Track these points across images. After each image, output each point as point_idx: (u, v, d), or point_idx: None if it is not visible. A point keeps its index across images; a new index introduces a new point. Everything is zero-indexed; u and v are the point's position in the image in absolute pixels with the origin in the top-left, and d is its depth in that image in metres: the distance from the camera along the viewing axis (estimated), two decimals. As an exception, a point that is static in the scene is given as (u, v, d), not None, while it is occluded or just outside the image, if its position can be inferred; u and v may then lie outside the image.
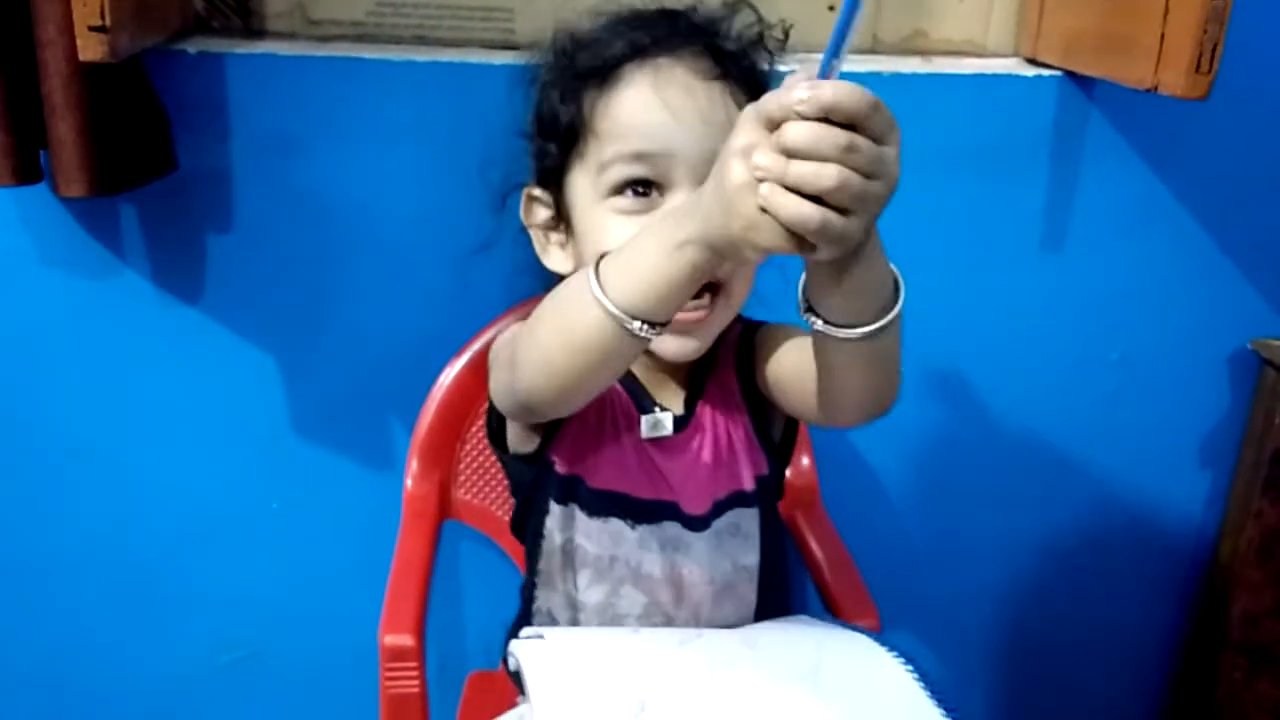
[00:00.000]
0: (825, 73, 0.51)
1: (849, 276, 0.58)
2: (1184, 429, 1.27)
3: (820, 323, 0.62)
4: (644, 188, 0.75)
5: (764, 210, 0.53)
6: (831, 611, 0.95)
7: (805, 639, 0.79)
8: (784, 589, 0.89)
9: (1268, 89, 1.13)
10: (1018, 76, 1.10)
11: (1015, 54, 1.16)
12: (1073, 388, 1.22)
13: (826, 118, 0.51)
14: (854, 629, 0.83)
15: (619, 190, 0.75)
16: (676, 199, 0.74)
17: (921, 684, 0.73)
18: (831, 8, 1.14)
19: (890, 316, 0.62)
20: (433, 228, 1.07)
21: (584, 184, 0.78)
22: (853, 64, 1.08)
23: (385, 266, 1.08)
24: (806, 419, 0.80)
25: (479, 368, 1.00)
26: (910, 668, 0.74)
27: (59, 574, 1.15)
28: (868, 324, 0.61)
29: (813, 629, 0.83)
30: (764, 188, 0.52)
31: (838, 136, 0.51)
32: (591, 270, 0.62)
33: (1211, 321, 1.22)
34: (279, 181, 1.04)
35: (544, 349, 0.67)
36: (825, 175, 0.51)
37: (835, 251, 0.55)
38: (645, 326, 0.61)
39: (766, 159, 0.52)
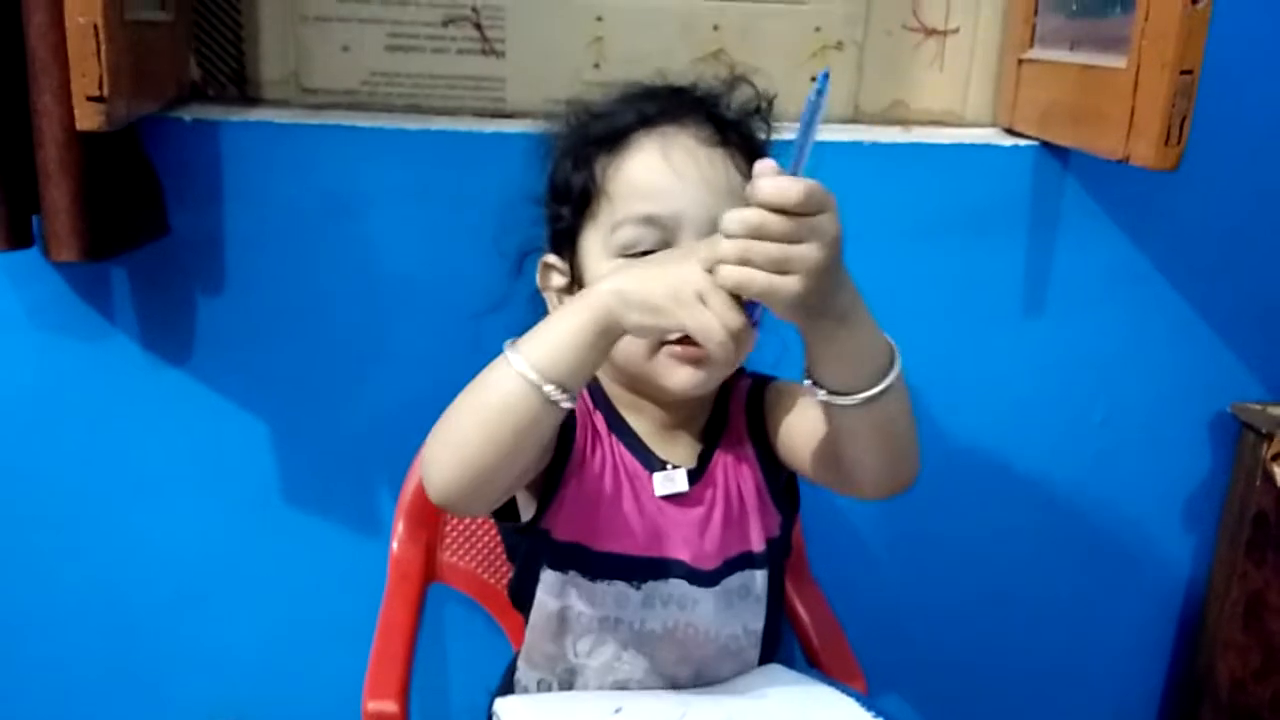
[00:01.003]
0: (793, 167, 0.61)
1: (837, 343, 0.66)
2: (1167, 492, 1.28)
3: (823, 392, 0.69)
4: (652, 252, 0.78)
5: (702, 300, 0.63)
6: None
7: (790, 710, 0.79)
8: (780, 644, 0.90)
9: (1236, 159, 1.16)
10: (995, 146, 1.13)
11: (993, 124, 1.19)
12: (1057, 451, 1.23)
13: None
14: (841, 689, 0.83)
15: (629, 250, 0.78)
16: None
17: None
18: (813, 78, 1.16)
19: (885, 383, 0.68)
20: (423, 293, 1.08)
21: (595, 243, 0.81)
22: (834, 133, 1.11)
23: (373, 329, 1.09)
24: (827, 486, 0.82)
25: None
26: (896, 734, 0.74)
27: (45, 636, 1.14)
28: (864, 390, 0.68)
29: (801, 695, 0.82)
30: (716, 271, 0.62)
31: (748, 216, 0.60)
32: (506, 348, 0.68)
33: (1192, 385, 1.23)
34: (271, 247, 1.05)
35: (458, 438, 0.69)
36: (744, 248, 0.61)
37: (781, 309, 0.63)
38: (558, 390, 0.66)
39: (710, 250, 0.63)
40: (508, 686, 0.88)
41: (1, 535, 1.10)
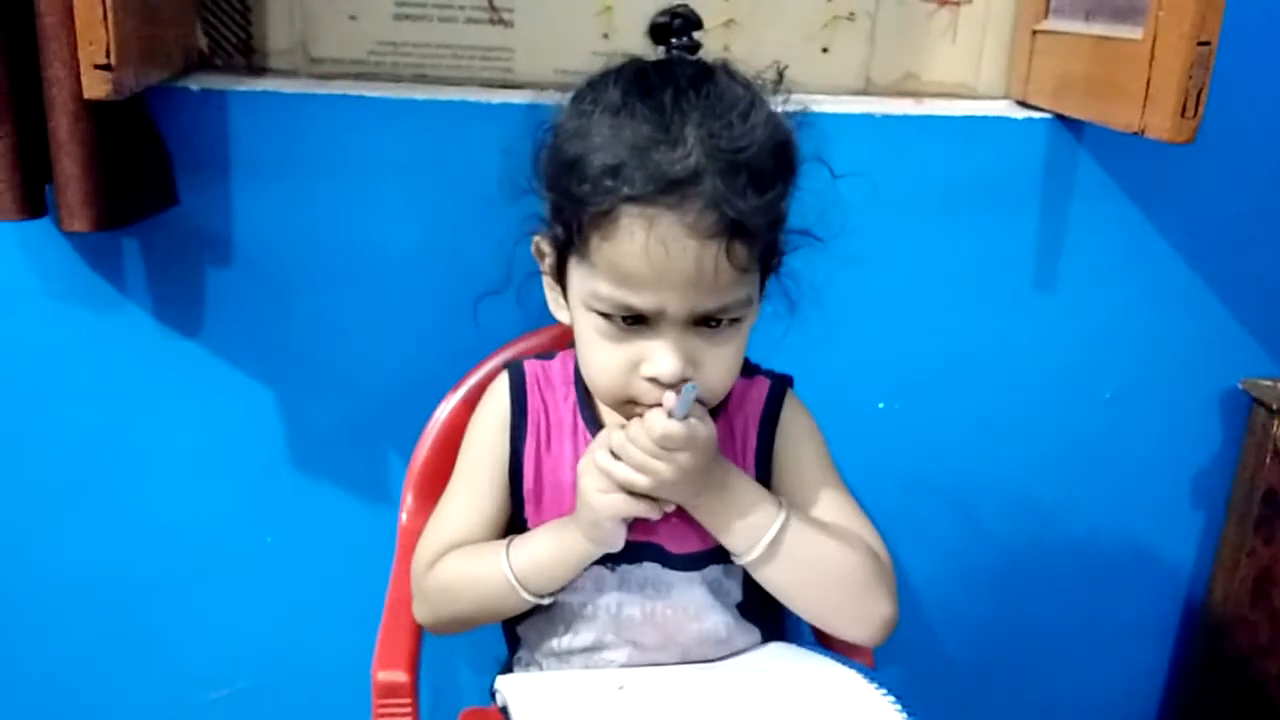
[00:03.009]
0: (679, 411, 0.74)
1: (702, 520, 0.79)
2: (1177, 468, 1.27)
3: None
4: (628, 320, 0.74)
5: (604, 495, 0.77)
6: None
7: (793, 681, 0.80)
8: (778, 620, 0.90)
9: (1253, 132, 1.15)
10: (1008, 119, 1.12)
11: (1006, 96, 1.18)
12: (1066, 426, 1.23)
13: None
14: (844, 662, 0.83)
15: (605, 316, 0.74)
16: (659, 335, 0.73)
17: (910, 721, 0.74)
18: (825, 49, 1.16)
19: (746, 556, 0.79)
20: (431, 263, 1.08)
21: (577, 284, 0.76)
22: (845, 105, 1.10)
23: (383, 301, 1.09)
24: None
25: (475, 403, 1.00)
26: (899, 706, 0.75)
27: (52, 605, 1.15)
28: (738, 558, 0.79)
29: (803, 667, 0.83)
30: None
31: (631, 426, 0.76)
32: (509, 570, 0.80)
33: (1202, 361, 1.23)
34: (279, 217, 1.05)
35: (463, 614, 0.85)
36: (619, 446, 0.77)
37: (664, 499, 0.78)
38: (535, 596, 0.81)
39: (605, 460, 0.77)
40: (509, 667, 0.89)
41: (11, 504, 1.11)
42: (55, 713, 1.18)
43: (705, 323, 0.74)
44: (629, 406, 0.77)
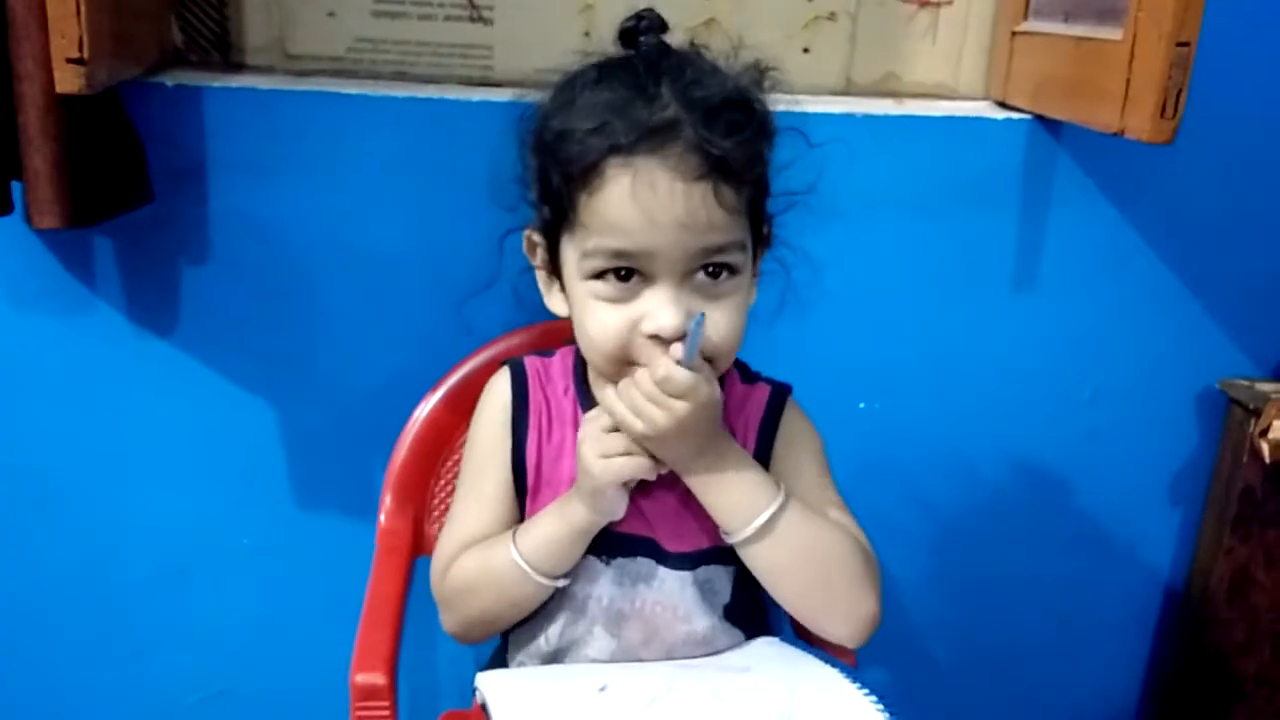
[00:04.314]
0: (692, 358, 0.74)
1: (699, 491, 0.79)
2: (1155, 467, 1.28)
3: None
4: (625, 274, 0.75)
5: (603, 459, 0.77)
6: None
7: (777, 682, 0.79)
8: (763, 625, 0.89)
9: (1232, 133, 1.15)
10: (988, 119, 1.12)
11: (986, 97, 1.18)
12: (1046, 427, 1.23)
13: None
14: (828, 660, 0.83)
15: (599, 275, 0.76)
16: (658, 290, 0.74)
17: (893, 723, 0.73)
18: (806, 50, 1.16)
19: (738, 535, 0.78)
20: (411, 261, 1.07)
21: (571, 254, 0.78)
22: (825, 105, 1.11)
23: (360, 300, 1.08)
24: None
25: (454, 403, 1.00)
26: (881, 706, 0.74)
27: (28, 609, 1.13)
28: (730, 535, 0.79)
29: (786, 667, 0.82)
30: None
31: (638, 372, 0.75)
32: (517, 556, 0.79)
33: (1180, 361, 1.24)
34: (255, 214, 1.04)
35: (485, 613, 0.84)
36: (624, 385, 0.77)
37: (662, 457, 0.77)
38: (549, 579, 0.81)
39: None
40: (499, 663, 0.89)
41: (-17, 507, 1.10)
42: (31, 717, 1.16)
43: (702, 274, 0.75)
44: (629, 368, 0.77)
